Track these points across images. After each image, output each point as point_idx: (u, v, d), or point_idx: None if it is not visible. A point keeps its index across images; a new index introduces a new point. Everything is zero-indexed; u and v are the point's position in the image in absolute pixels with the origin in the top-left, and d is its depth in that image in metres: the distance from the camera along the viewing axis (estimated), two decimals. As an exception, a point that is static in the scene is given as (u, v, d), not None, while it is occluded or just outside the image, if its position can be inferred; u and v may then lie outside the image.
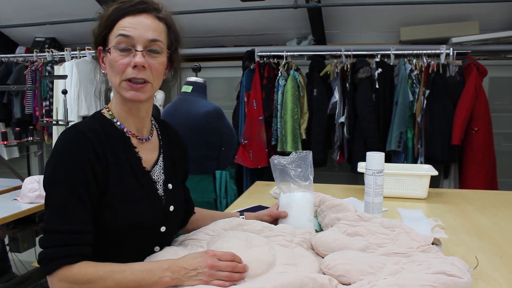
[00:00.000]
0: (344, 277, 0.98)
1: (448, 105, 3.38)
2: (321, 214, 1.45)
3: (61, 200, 1.00)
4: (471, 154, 3.38)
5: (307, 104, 3.68)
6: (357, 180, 3.65)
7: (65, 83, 3.86)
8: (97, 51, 1.13)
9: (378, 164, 1.57)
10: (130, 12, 1.07)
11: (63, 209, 0.99)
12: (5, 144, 2.93)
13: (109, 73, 1.10)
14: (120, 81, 1.08)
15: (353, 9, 3.79)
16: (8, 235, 2.59)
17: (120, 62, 1.06)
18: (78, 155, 1.02)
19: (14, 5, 4.31)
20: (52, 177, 1.02)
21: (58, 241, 0.98)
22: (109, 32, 1.09)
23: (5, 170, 2.92)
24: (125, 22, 1.06)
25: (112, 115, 1.15)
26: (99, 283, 0.96)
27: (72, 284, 0.96)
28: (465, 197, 2.08)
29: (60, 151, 1.03)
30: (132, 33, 1.05)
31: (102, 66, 1.14)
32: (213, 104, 2.39)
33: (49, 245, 0.98)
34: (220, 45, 4.48)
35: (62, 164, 1.02)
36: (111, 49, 1.07)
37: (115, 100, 1.15)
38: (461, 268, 0.96)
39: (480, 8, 3.58)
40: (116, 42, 1.06)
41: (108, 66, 1.10)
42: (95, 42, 1.13)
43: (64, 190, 1.00)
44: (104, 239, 1.06)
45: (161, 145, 1.25)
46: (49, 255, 0.97)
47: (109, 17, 1.08)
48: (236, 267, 0.99)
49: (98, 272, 0.96)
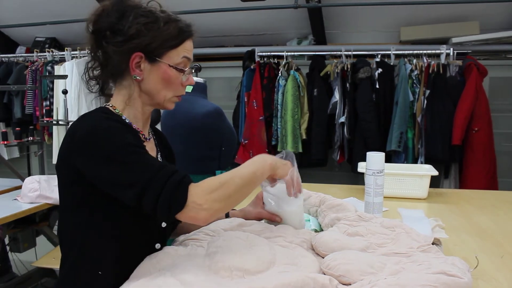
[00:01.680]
0: (345, 277, 0.98)
1: (449, 105, 3.38)
2: (321, 214, 1.45)
3: (133, 156, 1.00)
4: (471, 154, 3.38)
5: (308, 104, 3.68)
6: (358, 180, 3.65)
7: (66, 83, 3.86)
8: (133, 56, 1.10)
9: (379, 164, 1.57)
10: (190, 36, 1.16)
11: (142, 160, 1.01)
12: (5, 144, 2.93)
13: (157, 86, 1.14)
14: (172, 96, 1.17)
15: (354, 9, 3.79)
16: (9, 235, 2.59)
17: (179, 80, 1.15)
18: (117, 124, 1.07)
19: (14, 5, 4.30)
20: (110, 148, 1.00)
21: (164, 175, 0.98)
22: (171, 49, 1.12)
23: (5, 170, 2.92)
24: (188, 45, 1.16)
25: (120, 113, 1.16)
26: (230, 182, 1.02)
27: (209, 194, 0.99)
28: (465, 197, 2.08)
29: (98, 127, 1.03)
30: (191, 56, 1.17)
31: (137, 73, 1.12)
32: (213, 104, 2.39)
33: (159, 185, 0.97)
34: (221, 45, 4.48)
35: (111, 134, 1.02)
36: (170, 65, 1.12)
37: (132, 102, 1.16)
38: (461, 268, 0.96)
39: (481, 8, 3.58)
40: (181, 64, 1.14)
41: (159, 79, 1.13)
42: (138, 47, 1.09)
43: (130, 149, 1.01)
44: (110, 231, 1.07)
45: (156, 144, 1.29)
46: (167, 192, 0.97)
47: (176, 37, 1.12)
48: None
49: (222, 177, 1.03)
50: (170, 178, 0.98)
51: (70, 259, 1.11)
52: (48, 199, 2.44)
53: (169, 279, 0.96)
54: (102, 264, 1.07)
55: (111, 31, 1.09)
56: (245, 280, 0.96)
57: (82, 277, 1.08)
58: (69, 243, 1.11)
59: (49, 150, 4.19)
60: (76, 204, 1.08)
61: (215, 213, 1.00)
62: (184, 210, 0.98)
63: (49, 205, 2.47)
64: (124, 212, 1.07)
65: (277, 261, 1.05)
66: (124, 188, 0.98)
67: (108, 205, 1.06)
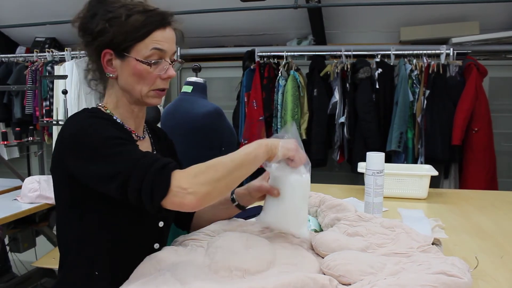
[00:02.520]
0: (345, 277, 0.98)
1: (448, 105, 3.38)
2: (321, 214, 1.45)
3: (117, 148, 0.99)
4: (471, 154, 3.38)
5: (307, 104, 3.68)
6: (357, 180, 3.65)
7: (65, 83, 3.86)
8: (103, 54, 1.10)
9: (378, 164, 1.57)
10: (160, 26, 1.09)
11: (125, 150, 0.99)
12: (5, 144, 2.93)
13: (130, 81, 1.11)
14: (149, 91, 1.12)
15: (353, 9, 3.79)
16: (8, 235, 2.59)
17: (153, 74, 1.10)
18: (104, 121, 1.06)
19: (14, 5, 4.30)
20: (94, 143, 0.99)
21: (148, 161, 0.96)
22: (137, 43, 1.08)
23: (5, 170, 2.92)
24: (157, 36, 1.09)
25: (111, 113, 1.16)
26: (218, 165, 0.98)
27: (194, 178, 0.95)
28: (465, 197, 2.08)
29: (85, 125, 1.03)
30: (165, 47, 1.10)
31: (109, 70, 1.12)
32: (213, 104, 2.38)
33: (142, 171, 0.95)
34: (220, 45, 4.48)
35: (96, 129, 1.02)
36: (140, 59, 1.08)
37: (119, 102, 1.16)
38: (461, 268, 0.96)
39: (481, 8, 3.58)
40: (150, 56, 1.09)
41: (130, 74, 1.10)
42: (104, 44, 1.09)
43: (113, 142, 0.99)
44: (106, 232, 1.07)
45: (152, 143, 1.28)
46: (149, 178, 0.94)
47: (138, 29, 1.07)
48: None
49: (211, 161, 0.99)
50: (153, 164, 0.95)
51: (67, 260, 1.11)
52: (48, 199, 2.44)
53: (169, 279, 0.95)
54: (99, 264, 1.07)
55: (84, 31, 1.11)
56: (245, 280, 0.96)
57: (80, 277, 1.08)
58: (66, 243, 1.12)
59: (49, 150, 4.19)
60: (71, 205, 1.09)
61: (203, 198, 0.94)
62: (169, 196, 0.93)
63: (49, 205, 2.47)
64: (119, 212, 1.07)
65: (277, 261, 1.05)
66: (108, 181, 0.96)
67: (103, 205, 1.06)
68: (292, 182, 1.14)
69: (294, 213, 1.16)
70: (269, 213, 1.18)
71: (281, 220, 1.16)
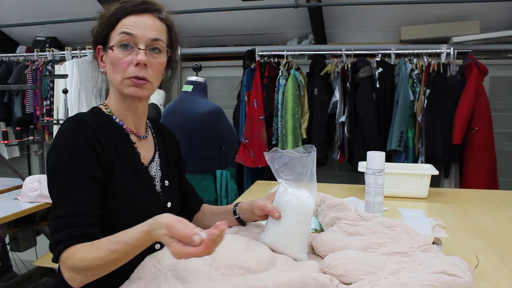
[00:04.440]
0: (345, 277, 0.98)
1: (449, 105, 3.38)
2: (321, 214, 1.45)
3: (63, 185, 1.00)
4: (471, 154, 3.38)
5: (308, 103, 3.68)
6: (358, 179, 3.66)
7: (66, 83, 3.87)
8: (96, 50, 1.15)
9: (379, 164, 1.57)
10: (133, 12, 1.09)
11: (65, 194, 1.00)
12: (5, 144, 2.94)
13: (109, 71, 1.12)
14: (122, 79, 1.09)
15: (354, 9, 3.79)
16: (9, 234, 2.59)
17: (123, 60, 1.08)
18: (80, 141, 1.03)
19: (14, 4, 4.30)
20: (54, 165, 1.02)
21: (61, 225, 0.98)
22: (111, 31, 1.10)
23: (5, 169, 2.93)
24: (128, 21, 1.08)
25: (111, 112, 1.16)
26: (100, 269, 0.94)
27: (76, 273, 0.94)
28: (465, 197, 2.08)
29: (61, 139, 1.04)
30: (135, 31, 1.07)
31: (101, 65, 1.15)
32: (213, 103, 2.39)
33: (53, 231, 0.98)
34: (221, 45, 4.48)
35: (63, 151, 1.02)
36: (113, 47, 1.08)
37: (114, 98, 1.16)
38: (462, 267, 0.96)
39: (481, 7, 3.58)
40: (119, 40, 1.08)
41: (109, 64, 1.11)
42: (95, 41, 1.14)
43: (66, 176, 1.00)
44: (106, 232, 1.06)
45: (156, 143, 1.27)
46: (53, 240, 0.97)
47: (111, 16, 1.09)
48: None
49: (96, 259, 0.92)
50: (63, 229, 0.97)
51: None
52: (49, 199, 2.42)
53: (170, 278, 0.96)
54: None
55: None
56: (245, 278, 0.96)
57: None
58: None
59: (50, 149, 4.19)
60: None
61: (78, 283, 0.96)
62: (60, 267, 0.98)
63: (50, 205, 2.47)
64: (116, 213, 1.07)
65: (278, 262, 1.05)
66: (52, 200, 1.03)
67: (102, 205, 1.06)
68: (294, 206, 1.14)
69: (293, 237, 1.14)
70: (268, 234, 1.17)
71: (280, 243, 1.14)
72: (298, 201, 1.13)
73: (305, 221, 1.16)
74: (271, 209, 1.17)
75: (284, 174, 1.16)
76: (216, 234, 0.80)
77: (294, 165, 1.15)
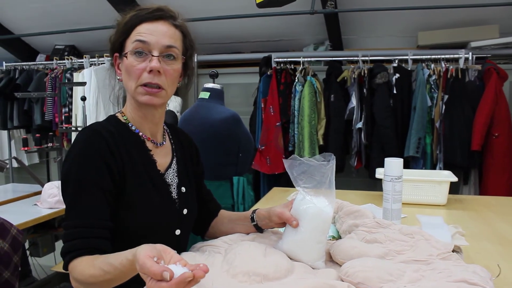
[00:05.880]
0: (363, 285, 0.97)
1: (467, 110, 3.34)
2: (339, 221, 1.44)
3: (73, 197, 1.02)
4: (491, 160, 3.33)
5: (324, 109, 3.67)
6: (375, 186, 3.62)
7: (84, 90, 3.92)
8: (113, 58, 1.17)
9: (397, 170, 1.55)
10: (147, 19, 1.10)
11: (74, 205, 1.02)
12: (25, 150, 2.98)
13: (125, 79, 1.13)
14: (136, 86, 1.10)
15: (370, 14, 3.78)
16: (28, 239, 2.62)
17: (136, 67, 1.08)
18: (90, 154, 1.04)
19: (35, 14, 4.39)
20: (65, 176, 1.04)
21: (67, 236, 1.00)
22: (126, 38, 1.12)
23: (25, 175, 2.98)
24: (142, 28, 1.10)
25: (127, 120, 1.17)
26: (97, 286, 0.94)
27: (80, 284, 0.97)
28: (486, 204, 2.04)
29: (73, 151, 1.06)
30: (148, 38, 1.08)
31: (117, 73, 1.17)
32: (230, 110, 2.39)
33: (63, 240, 1.01)
34: (237, 51, 4.50)
35: (74, 163, 1.04)
36: (127, 54, 1.10)
37: (130, 105, 1.17)
38: (483, 276, 0.94)
39: (500, 11, 3.54)
40: (133, 48, 1.09)
41: (124, 71, 1.13)
42: (112, 48, 1.16)
43: (75, 188, 1.02)
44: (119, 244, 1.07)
45: (173, 149, 1.27)
46: (62, 249, 1.00)
47: (126, 23, 1.11)
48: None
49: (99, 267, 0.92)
50: (73, 239, 1.00)
51: None
52: (67, 205, 2.47)
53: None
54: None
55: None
56: (263, 286, 0.96)
57: None
58: None
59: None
60: None
61: None
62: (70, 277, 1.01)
63: (68, 211, 2.49)
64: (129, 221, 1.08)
65: (295, 270, 1.05)
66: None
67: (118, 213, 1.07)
68: (312, 215, 1.13)
69: (310, 245, 1.14)
70: (286, 241, 1.17)
71: (298, 251, 1.14)
72: (316, 209, 1.13)
73: (323, 229, 1.15)
74: (289, 217, 1.16)
75: (303, 182, 1.15)
76: (188, 278, 0.76)
77: (313, 173, 1.14)
